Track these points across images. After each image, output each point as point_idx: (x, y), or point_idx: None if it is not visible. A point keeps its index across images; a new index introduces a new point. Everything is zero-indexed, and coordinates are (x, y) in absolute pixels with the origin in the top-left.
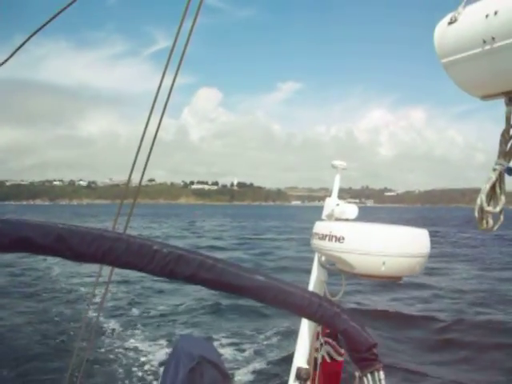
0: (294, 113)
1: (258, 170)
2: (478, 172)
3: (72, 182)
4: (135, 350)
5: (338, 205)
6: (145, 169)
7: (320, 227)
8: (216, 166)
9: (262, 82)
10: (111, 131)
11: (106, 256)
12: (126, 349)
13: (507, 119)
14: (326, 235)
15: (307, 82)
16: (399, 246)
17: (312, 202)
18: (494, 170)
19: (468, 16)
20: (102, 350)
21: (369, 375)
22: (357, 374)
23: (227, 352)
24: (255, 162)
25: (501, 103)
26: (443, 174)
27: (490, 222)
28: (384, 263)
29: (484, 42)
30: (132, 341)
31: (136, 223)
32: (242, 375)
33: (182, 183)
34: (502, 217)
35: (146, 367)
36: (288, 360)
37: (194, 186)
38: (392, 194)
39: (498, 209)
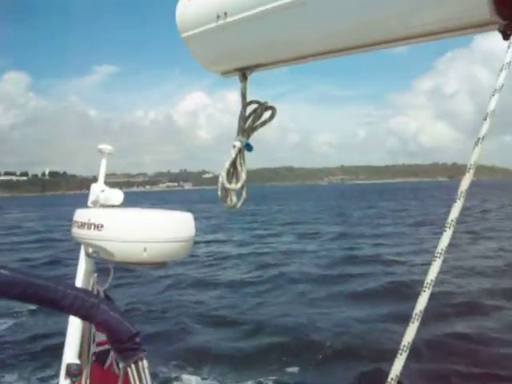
0: (111, 97)
1: (74, 157)
2: (292, 151)
3: None
4: None
5: (103, 191)
6: None
7: (79, 215)
8: (27, 155)
9: (75, 65)
10: None
11: None
12: None
13: (243, 96)
14: (85, 223)
15: (124, 64)
16: (161, 231)
17: (130, 188)
18: (234, 146)
19: None
20: None
21: (132, 365)
22: (121, 365)
23: None
24: (70, 150)
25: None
26: (259, 155)
27: (234, 199)
28: (145, 249)
29: (218, 17)
30: None
31: None
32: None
33: None
34: (244, 193)
35: None
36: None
37: (1, 178)
38: (210, 175)
39: (239, 185)
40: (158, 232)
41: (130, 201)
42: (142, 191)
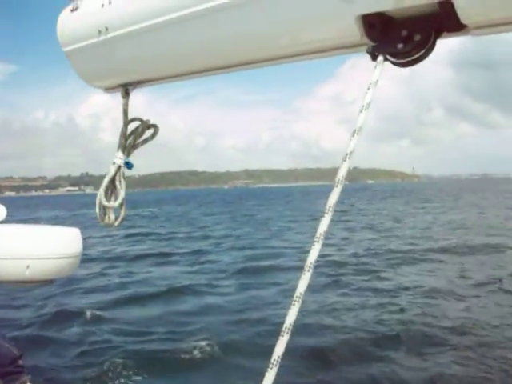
0: (9, 97)
1: None
2: (197, 155)
3: None
4: None
5: None
6: None
7: None
8: None
9: None
10: None
11: None
12: None
13: (124, 112)
14: None
15: (23, 62)
16: (45, 247)
17: (28, 192)
18: (114, 163)
19: (87, 4)
20: None
21: None
22: None
23: None
24: None
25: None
26: (164, 158)
27: (112, 217)
28: (28, 267)
29: (99, 32)
30: None
31: None
32: None
33: None
34: (123, 212)
35: None
36: None
37: None
38: None
39: (117, 204)
40: (41, 248)
41: (27, 206)
42: (40, 195)
